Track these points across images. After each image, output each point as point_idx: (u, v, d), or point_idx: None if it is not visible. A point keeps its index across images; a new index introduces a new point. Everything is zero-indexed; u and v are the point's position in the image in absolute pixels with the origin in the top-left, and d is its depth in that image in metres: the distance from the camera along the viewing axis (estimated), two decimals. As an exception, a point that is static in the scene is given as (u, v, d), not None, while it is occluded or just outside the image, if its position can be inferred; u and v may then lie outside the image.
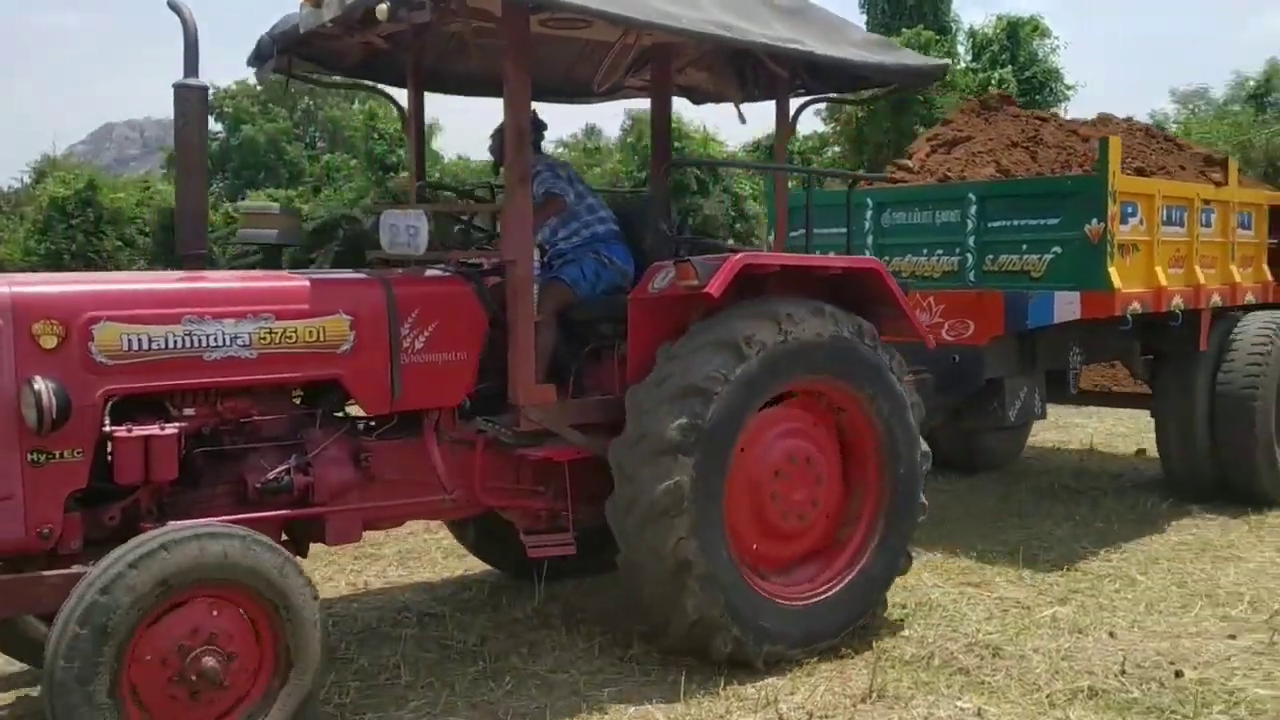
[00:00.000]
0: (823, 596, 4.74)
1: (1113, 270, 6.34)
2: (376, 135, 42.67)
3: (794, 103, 5.60)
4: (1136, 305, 6.53)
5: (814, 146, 38.57)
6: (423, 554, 6.42)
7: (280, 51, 4.86)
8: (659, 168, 5.96)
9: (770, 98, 5.63)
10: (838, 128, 32.17)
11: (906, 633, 4.92)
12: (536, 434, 4.57)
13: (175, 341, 3.90)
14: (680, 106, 6.20)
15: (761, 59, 5.16)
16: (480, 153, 47.20)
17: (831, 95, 5.95)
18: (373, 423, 4.49)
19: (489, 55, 4.80)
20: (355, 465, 4.29)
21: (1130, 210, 6.58)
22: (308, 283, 4.26)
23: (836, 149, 34.40)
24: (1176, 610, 5.22)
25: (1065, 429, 10.12)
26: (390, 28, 4.45)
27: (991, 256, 6.76)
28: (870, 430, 4.85)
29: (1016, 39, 28.89)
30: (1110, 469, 8.58)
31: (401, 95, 5.53)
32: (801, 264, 4.84)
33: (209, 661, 3.44)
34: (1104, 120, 8.53)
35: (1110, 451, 9.35)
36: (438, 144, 48.82)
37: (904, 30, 30.20)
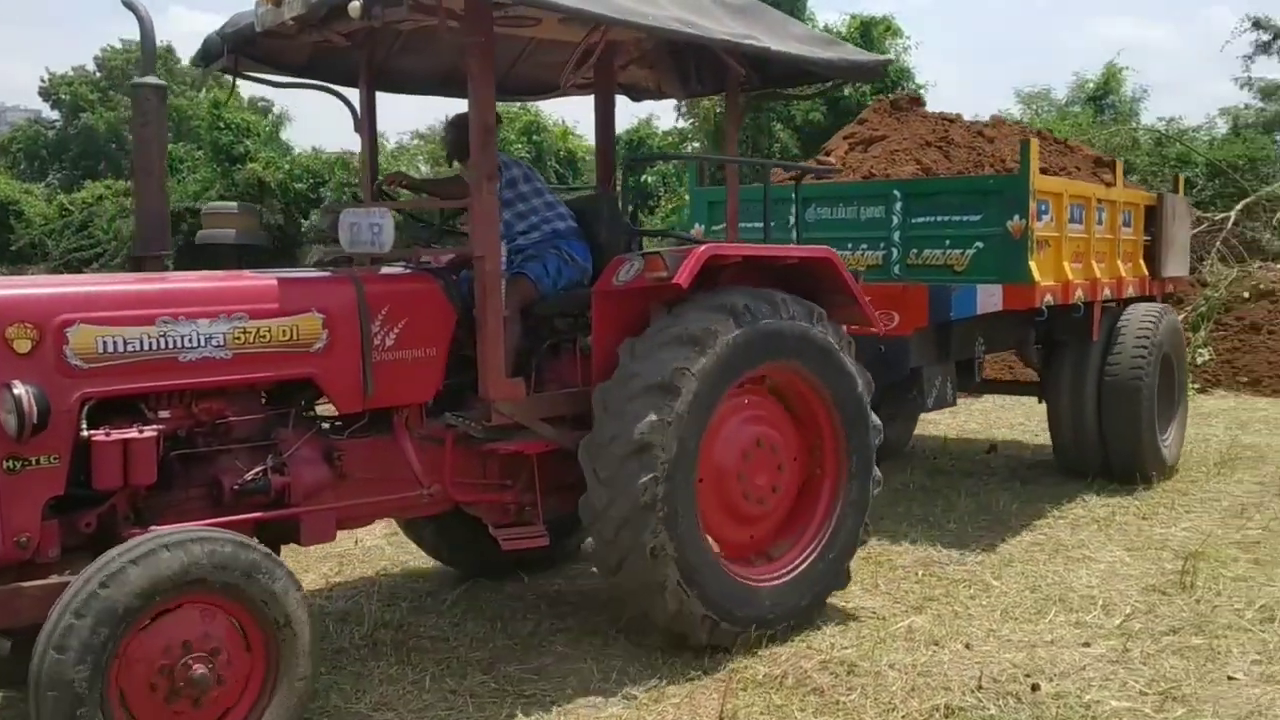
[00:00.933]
0: (792, 574, 4.91)
1: (1033, 264, 6.71)
2: (222, 125, 41.11)
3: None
4: (1050, 298, 6.93)
5: (674, 142, 38.59)
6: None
7: (229, 51, 4.88)
8: (605, 166, 5.91)
9: (712, 92, 6.01)
10: (696, 123, 32.18)
11: (759, 650, 4.67)
12: (504, 428, 4.62)
13: (150, 343, 3.87)
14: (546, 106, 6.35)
15: (718, 55, 5.24)
16: (331, 143, 45.92)
17: (776, 90, 6.21)
18: (339, 422, 4.48)
19: (440, 53, 5.19)
20: (329, 464, 4.29)
21: (1044, 208, 6.91)
22: (278, 282, 4.24)
23: (696, 144, 34.44)
24: (1031, 617, 5.10)
25: (922, 423, 10.10)
26: (348, 26, 4.48)
27: (915, 251, 7.05)
28: (825, 410, 5.04)
29: (869, 38, 29.22)
30: (962, 467, 8.54)
31: (351, 94, 5.47)
32: (762, 254, 5.02)
33: (199, 669, 3.41)
34: (997, 122, 9.10)
35: (964, 449, 9.35)
36: (286, 135, 47.31)
37: (761, 26, 30.27)
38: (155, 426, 3.87)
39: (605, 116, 5.87)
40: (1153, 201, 8.69)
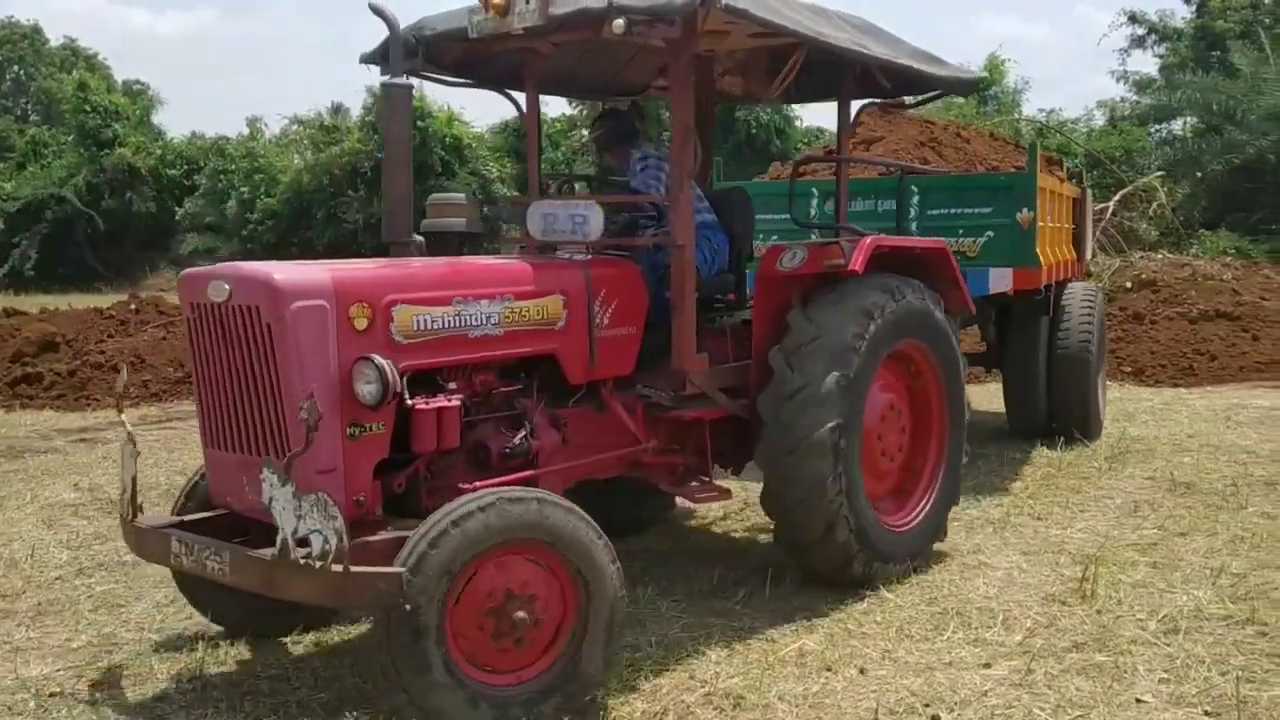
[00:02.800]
0: (913, 523, 5.65)
1: (1038, 250, 7.88)
2: (89, 108, 39.23)
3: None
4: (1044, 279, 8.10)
5: (562, 130, 38.02)
6: (65, 608, 5.29)
7: (423, 55, 5.22)
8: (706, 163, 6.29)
9: (806, 99, 7.14)
10: (586, 110, 31.69)
11: (639, 682, 4.25)
12: (687, 398, 5.19)
13: (449, 321, 4.33)
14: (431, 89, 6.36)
15: (830, 66, 5.75)
16: (209, 128, 44.03)
17: (883, 100, 6.81)
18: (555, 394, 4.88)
19: (600, 60, 5.98)
20: (560, 430, 4.79)
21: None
22: (531, 266, 4.78)
23: (585, 131, 33.95)
24: (929, 634, 4.77)
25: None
26: (562, 37, 5.03)
27: None
28: (936, 384, 5.79)
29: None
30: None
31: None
32: (901, 244, 5.71)
33: (520, 613, 3.78)
34: (959, 127, 10.88)
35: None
36: (159, 119, 45.42)
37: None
38: (457, 396, 4.31)
39: (706, 120, 6.16)
40: (1078, 195, 9.90)
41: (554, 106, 48.24)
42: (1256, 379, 12.01)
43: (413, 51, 5.13)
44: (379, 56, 5.27)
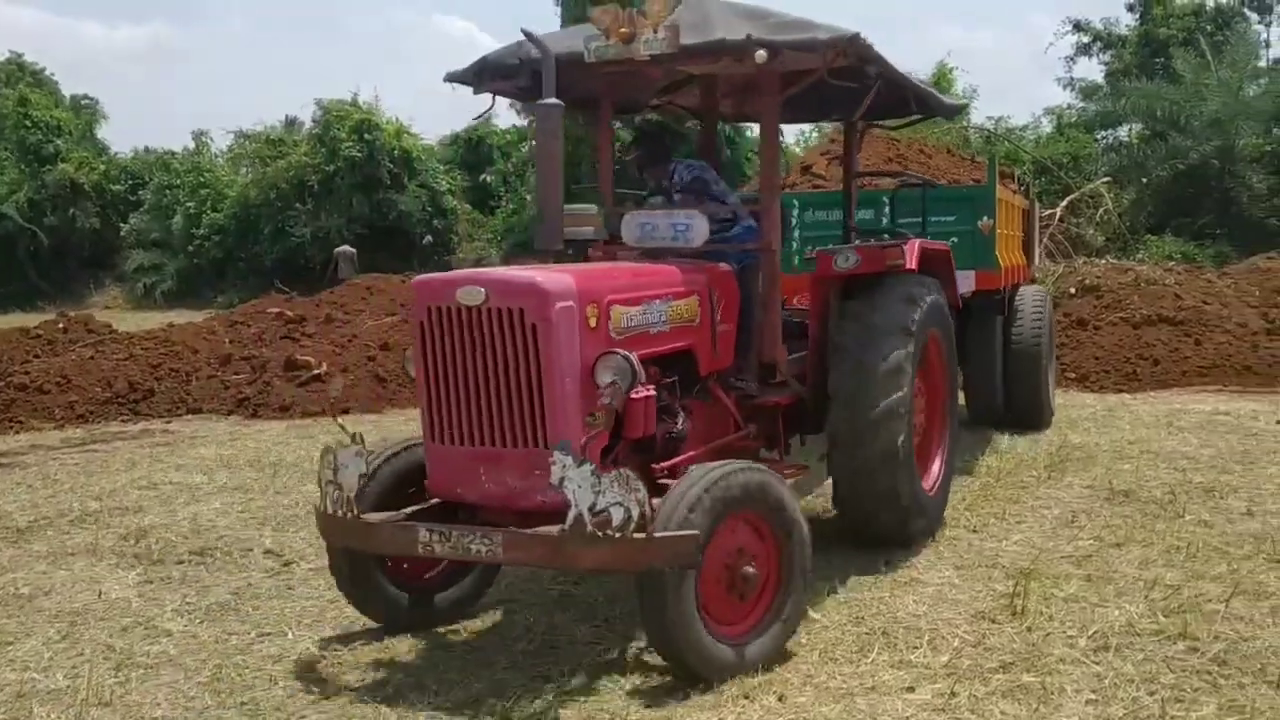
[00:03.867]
0: (935, 486, 6.41)
1: (998, 255, 8.90)
2: (30, 123, 38.51)
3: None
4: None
5: (512, 140, 37.76)
6: None
7: (515, 74, 5.68)
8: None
9: (814, 120, 8.41)
10: (535, 120, 31.41)
11: (546, 716, 4.04)
12: (766, 385, 5.86)
13: (640, 319, 4.84)
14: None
15: (836, 89, 5.87)
16: (162, 144, 43.10)
17: (883, 122, 8.09)
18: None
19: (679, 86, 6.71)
20: (691, 417, 5.21)
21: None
22: (678, 269, 5.29)
23: (534, 142, 33.70)
24: (853, 656, 4.60)
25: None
26: (687, 65, 5.63)
27: None
28: (941, 369, 6.57)
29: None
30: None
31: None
32: (929, 247, 6.52)
33: (749, 569, 4.33)
34: (921, 142, 12.66)
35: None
36: (101, 133, 44.62)
37: (597, 23, 29.74)
38: (651, 386, 4.70)
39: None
40: (1027, 206, 11.03)
41: (504, 119, 47.95)
42: (1199, 383, 12.01)
43: (514, 72, 5.67)
44: (471, 76, 5.83)
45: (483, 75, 5.83)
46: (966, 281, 8.18)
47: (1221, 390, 11.71)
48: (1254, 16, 33.62)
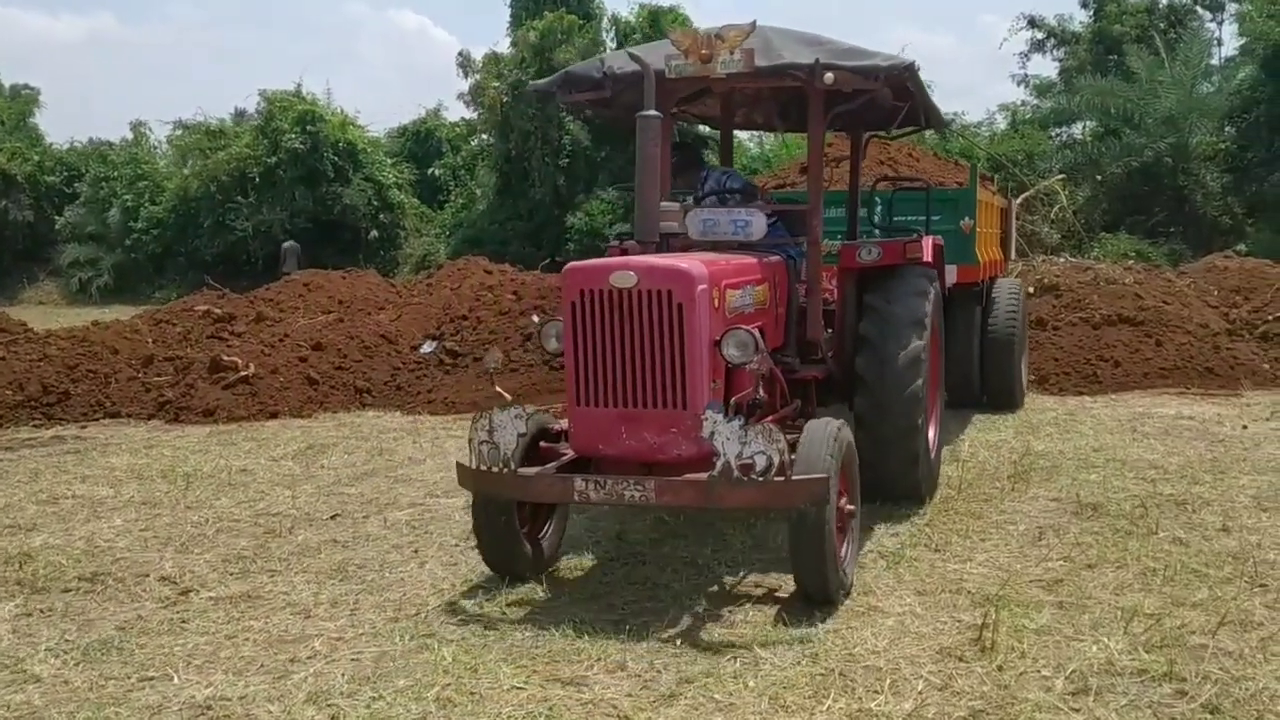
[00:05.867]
0: (934, 453, 7.19)
1: (978, 251, 9.76)
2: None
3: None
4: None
5: (461, 134, 37.07)
6: None
7: (611, 90, 6.45)
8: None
9: (845, 130, 8.76)
10: (484, 114, 30.84)
11: (456, 782, 3.53)
12: (805, 362, 6.58)
13: (740, 301, 5.57)
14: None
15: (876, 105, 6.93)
16: (107, 136, 41.77)
17: (882, 132, 8.74)
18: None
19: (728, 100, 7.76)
20: (759, 387, 5.62)
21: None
22: (756, 260, 6.03)
23: (485, 136, 33.10)
24: (806, 703, 4.11)
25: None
26: (756, 83, 6.52)
27: None
28: (936, 345, 7.16)
29: (658, 27, 28.57)
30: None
31: None
32: (937, 243, 7.43)
33: (850, 507, 5.30)
34: (910, 147, 14.15)
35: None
36: (41, 123, 43.26)
37: (548, 14, 29.23)
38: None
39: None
40: (1005, 205, 11.96)
41: (454, 111, 47.29)
42: (1160, 385, 11.68)
43: (597, 85, 6.43)
44: (555, 87, 6.67)
45: (566, 86, 6.61)
46: (950, 275, 8.80)
47: (1184, 393, 11.38)
48: (1206, 14, 33.66)
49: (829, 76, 5.94)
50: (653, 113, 5.57)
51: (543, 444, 5.59)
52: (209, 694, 4.29)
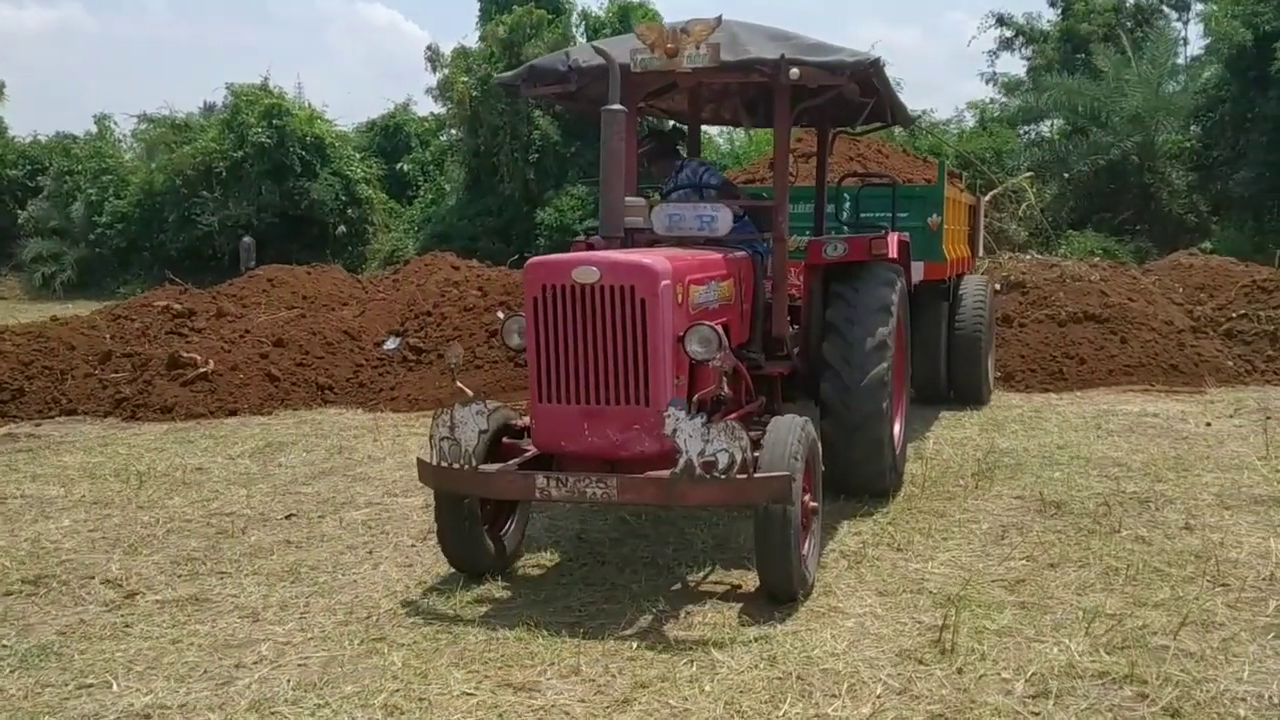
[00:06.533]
0: (900, 444, 7.16)
1: (945, 248, 9.75)
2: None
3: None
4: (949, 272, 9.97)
5: (430, 129, 36.81)
6: None
7: (576, 82, 6.35)
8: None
9: (813, 126, 8.81)
10: (452, 108, 30.63)
11: (400, 792, 3.42)
12: (773, 358, 6.56)
13: (705, 297, 5.55)
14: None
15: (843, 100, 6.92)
16: (73, 129, 41.09)
17: (849, 128, 8.82)
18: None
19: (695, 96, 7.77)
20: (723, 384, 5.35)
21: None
22: (722, 255, 5.96)
23: (454, 131, 32.88)
24: (763, 707, 4.02)
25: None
26: (721, 78, 6.50)
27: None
28: (900, 337, 7.05)
29: (628, 22, 28.43)
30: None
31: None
32: (901, 239, 7.34)
33: (815, 503, 5.34)
34: (880, 144, 13.71)
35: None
36: (4, 114, 42.55)
37: (517, 8, 29.05)
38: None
39: (694, 140, 7.56)
40: (974, 202, 11.90)
41: (424, 106, 47.00)
42: (1125, 382, 11.69)
43: (563, 79, 6.30)
44: (519, 80, 6.54)
45: (531, 79, 6.49)
46: (916, 271, 8.78)
47: (1148, 390, 11.39)
48: (1172, 14, 33.89)
49: (794, 72, 5.91)
50: (617, 106, 5.53)
51: (505, 440, 5.54)
52: (148, 702, 4.17)
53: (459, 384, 6.63)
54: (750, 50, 6.03)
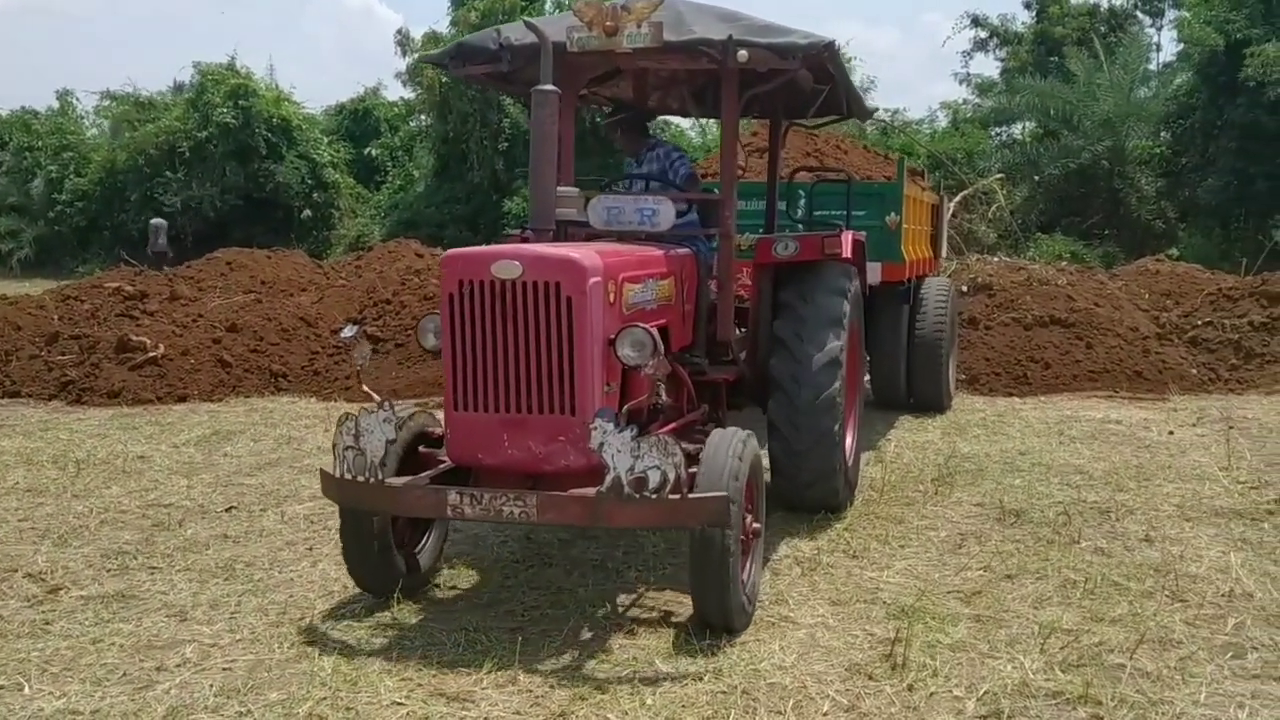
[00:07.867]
0: (852, 456, 6.79)
1: (903, 249, 9.38)
2: None
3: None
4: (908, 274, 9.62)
5: (400, 114, 36.42)
6: None
7: (509, 61, 5.77)
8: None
9: (763, 116, 8.40)
10: (422, 94, 30.31)
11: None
12: (715, 363, 6.15)
13: (641, 296, 5.20)
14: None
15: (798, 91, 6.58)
16: (10, 103, 40.31)
17: (802, 120, 8.39)
18: None
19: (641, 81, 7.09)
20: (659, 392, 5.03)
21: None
22: (663, 254, 5.63)
23: (424, 117, 32.54)
24: (704, 724, 3.87)
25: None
26: (664, 60, 5.93)
27: None
28: (855, 345, 6.80)
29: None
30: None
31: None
32: (856, 239, 6.93)
33: (757, 525, 4.94)
34: (838, 138, 13.04)
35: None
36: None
37: (490, -5, 28.74)
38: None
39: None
40: (937, 201, 11.45)
41: (393, 90, 46.44)
42: (1090, 388, 11.61)
43: (493, 58, 5.76)
44: (447, 59, 6.08)
45: (460, 58, 6.01)
46: (873, 273, 8.48)
47: (1112, 396, 11.32)
48: (1146, 19, 34.00)
49: (743, 54, 5.43)
50: (549, 87, 5.06)
51: (423, 449, 5.13)
52: (59, 706, 3.96)
53: (365, 387, 5.72)
54: (696, 30, 5.54)
